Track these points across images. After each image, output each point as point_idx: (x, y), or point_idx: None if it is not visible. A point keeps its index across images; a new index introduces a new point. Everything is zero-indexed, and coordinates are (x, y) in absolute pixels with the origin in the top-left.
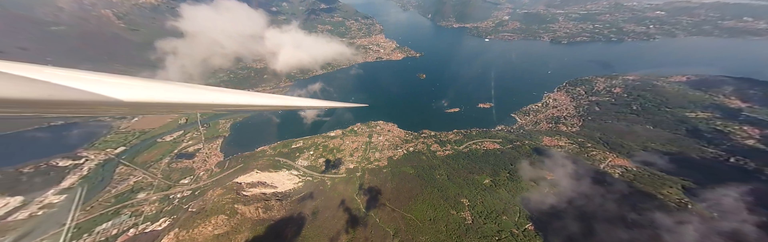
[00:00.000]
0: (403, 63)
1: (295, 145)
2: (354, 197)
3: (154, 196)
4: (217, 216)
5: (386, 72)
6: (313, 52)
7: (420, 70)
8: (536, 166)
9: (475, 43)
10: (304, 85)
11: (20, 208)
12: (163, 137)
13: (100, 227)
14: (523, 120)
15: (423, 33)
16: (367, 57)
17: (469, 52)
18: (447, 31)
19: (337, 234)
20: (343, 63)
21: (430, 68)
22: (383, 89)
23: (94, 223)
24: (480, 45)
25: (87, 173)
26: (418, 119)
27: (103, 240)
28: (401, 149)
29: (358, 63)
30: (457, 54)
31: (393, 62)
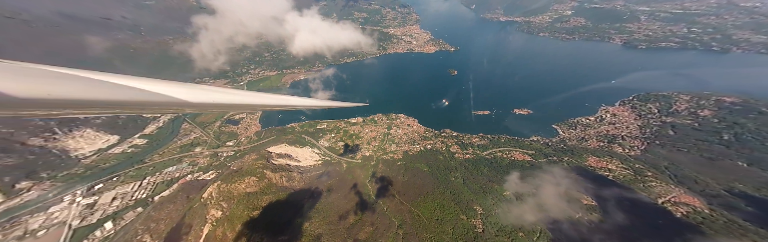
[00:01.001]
0: (434, 57)
1: (320, 126)
2: (366, 183)
3: (207, 152)
4: (250, 177)
5: (415, 65)
6: (327, 39)
7: (452, 65)
8: (572, 186)
9: (522, 41)
10: (334, 70)
11: (116, 145)
12: None
13: (168, 169)
14: (566, 134)
15: (462, 25)
16: (397, 48)
17: (514, 50)
18: (491, 24)
19: (347, 214)
20: (373, 52)
21: (464, 65)
22: (409, 82)
23: (164, 165)
24: (529, 43)
25: (162, 125)
26: (442, 117)
27: (169, 180)
28: (418, 145)
29: (387, 53)
30: (498, 51)
31: (424, 55)
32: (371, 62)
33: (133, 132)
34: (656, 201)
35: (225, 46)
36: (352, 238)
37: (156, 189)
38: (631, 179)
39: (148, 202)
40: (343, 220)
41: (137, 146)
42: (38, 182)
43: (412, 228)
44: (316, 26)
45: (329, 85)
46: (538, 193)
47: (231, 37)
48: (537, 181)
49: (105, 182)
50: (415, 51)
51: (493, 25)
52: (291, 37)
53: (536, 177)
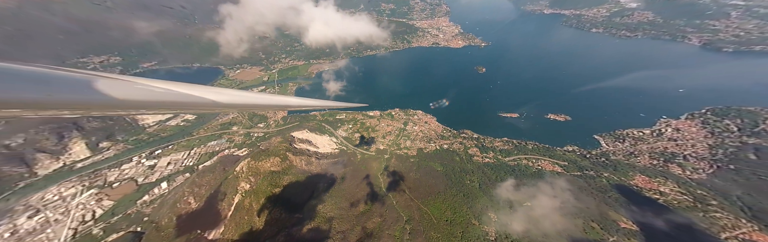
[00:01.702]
0: (461, 52)
1: (339, 116)
2: (378, 175)
3: (241, 131)
4: (274, 157)
5: (439, 60)
6: (339, 31)
7: (480, 62)
8: (609, 206)
9: (569, 37)
10: (356, 62)
11: (172, 118)
12: (252, 89)
13: (210, 143)
14: (610, 146)
15: (497, 18)
16: (422, 41)
17: (556, 48)
18: (533, 17)
19: (357, 202)
20: (396, 46)
21: (494, 62)
22: (431, 78)
23: (207, 139)
24: (577, 40)
25: None
26: (463, 117)
27: (211, 152)
28: (434, 144)
29: (411, 47)
30: (536, 48)
31: (450, 50)
32: (393, 56)
33: None
34: (719, 235)
35: (247, 35)
36: (361, 225)
37: (200, 159)
38: (688, 206)
39: (194, 169)
40: (353, 207)
41: (188, 120)
42: (115, 143)
43: (419, 225)
44: (328, 18)
45: (349, 77)
46: (564, 207)
47: (252, 26)
48: (566, 195)
49: (163, 148)
50: (441, 45)
51: (534, 19)
52: (306, 27)
53: (565, 191)
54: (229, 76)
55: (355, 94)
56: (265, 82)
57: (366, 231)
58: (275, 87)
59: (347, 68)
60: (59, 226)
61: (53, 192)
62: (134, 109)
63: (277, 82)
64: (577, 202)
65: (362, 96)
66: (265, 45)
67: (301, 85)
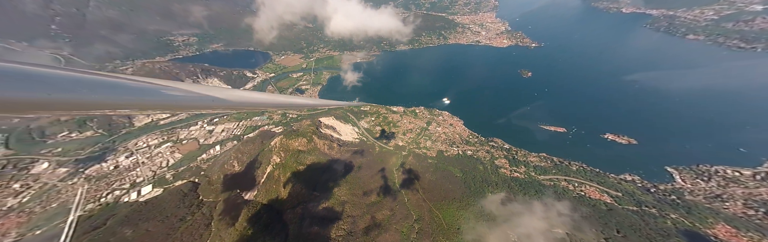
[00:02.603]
0: (505, 52)
1: (364, 108)
2: (393, 170)
3: (279, 110)
4: (302, 138)
5: (477, 60)
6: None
7: (526, 65)
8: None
9: (652, 43)
10: (388, 56)
11: None
12: (292, 74)
13: (254, 118)
14: (688, 183)
15: (558, 16)
16: (460, 38)
17: (631, 55)
18: (606, 17)
19: (370, 192)
20: (431, 42)
21: (544, 66)
22: (464, 79)
23: (252, 114)
24: (664, 47)
25: (256, 83)
26: (495, 124)
27: (254, 126)
28: (457, 148)
29: (447, 44)
30: (604, 54)
31: (492, 50)
32: (426, 52)
33: (239, 86)
34: None
35: (277, 23)
36: (371, 215)
37: (245, 131)
38: None
39: (240, 138)
40: (365, 196)
41: None
42: None
43: (428, 227)
44: (349, 9)
45: (378, 70)
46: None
47: (281, 15)
48: (610, 230)
49: (219, 117)
50: (482, 44)
51: (607, 19)
52: (329, 19)
53: (610, 225)
54: (275, 61)
55: (380, 88)
56: (303, 69)
57: (375, 220)
58: (311, 74)
59: (379, 61)
60: (145, 167)
61: (143, 141)
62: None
63: (313, 70)
64: (625, 241)
65: (387, 91)
66: (293, 34)
67: (334, 74)
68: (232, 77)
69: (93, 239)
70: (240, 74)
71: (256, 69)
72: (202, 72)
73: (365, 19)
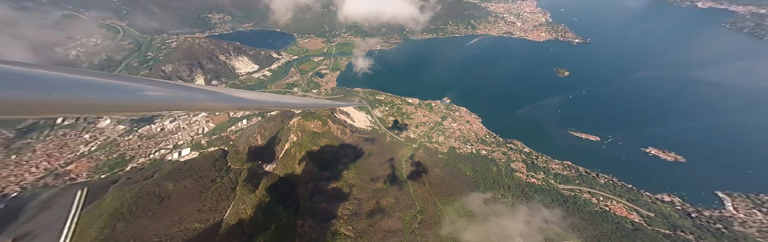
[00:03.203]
0: (541, 47)
1: (379, 97)
2: (402, 161)
3: (299, 93)
4: (317, 121)
5: (506, 53)
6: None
7: (564, 63)
8: None
9: (729, 47)
10: (409, 45)
11: (256, 72)
12: (314, 58)
13: None
14: (741, 212)
15: (615, 8)
16: (491, 29)
17: (700, 61)
18: (675, 12)
19: (377, 179)
20: (458, 31)
21: (586, 65)
22: (489, 74)
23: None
24: (744, 53)
25: (280, 64)
26: (516, 124)
27: None
28: (470, 147)
29: (474, 34)
30: (663, 56)
31: (526, 43)
32: (450, 42)
33: (265, 66)
34: None
35: (292, 4)
36: (376, 200)
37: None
38: None
39: (264, 115)
40: (372, 182)
41: (266, 76)
42: (220, 83)
43: (431, 220)
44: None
45: (396, 59)
46: None
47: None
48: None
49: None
50: (515, 36)
51: (678, 14)
52: (343, 2)
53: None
54: (298, 43)
55: (397, 77)
56: (324, 53)
57: (379, 206)
58: (332, 59)
59: (398, 49)
60: (184, 132)
61: None
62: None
63: (334, 55)
64: None
65: (404, 81)
66: (309, 16)
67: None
68: (259, 56)
69: (142, 187)
70: (267, 55)
71: (281, 50)
72: (234, 50)
73: (379, 4)
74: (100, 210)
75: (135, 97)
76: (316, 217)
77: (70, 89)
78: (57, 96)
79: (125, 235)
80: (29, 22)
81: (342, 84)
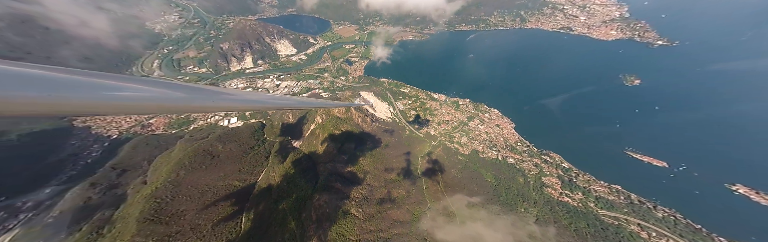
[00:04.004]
0: (607, 48)
1: (404, 89)
2: (419, 157)
3: (329, 78)
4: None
5: (561, 52)
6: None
7: (636, 70)
8: None
9: None
10: (444, 37)
11: (294, 55)
12: (346, 45)
13: (309, 80)
14: None
15: (723, 4)
16: (545, 22)
17: None
18: None
19: (391, 170)
20: (503, 23)
21: (667, 74)
22: (535, 74)
23: (308, 77)
24: None
25: (315, 50)
26: (558, 136)
27: (308, 87)
28: (497, 153)
29: (524, 28)
30: None
31: (588, 42)
32: (494, 36)
33: (302, 50)
34: None
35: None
36: (387, 189)
37: (301, 90)
38: None
39: (295, 96)
40: (386, 172)
41: (301, 59)
42: (265, 63)
43: (442, 216)
44: None
45: (428, 51)
46: None
47: None
48: None
49: (284, 74)
50: (575, 32)
51: None
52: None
53: None
54: (333, 29)
55: (425, 71)
56: (356, 41)
57: (390, 196)
58: (362, 47)
59: (432, 41)
60: None
61: (234, 83)
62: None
63: (365, 43)
64: None
65: (432, 75)
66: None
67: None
68: (298, 40)
69: (200, 145)
70: (304, 39)
71: (317, 36)
72: (278, 33)
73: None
74: (169, 158)
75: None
76: (331, 194)
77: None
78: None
79: (185, 181)
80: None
81: (369, 73)
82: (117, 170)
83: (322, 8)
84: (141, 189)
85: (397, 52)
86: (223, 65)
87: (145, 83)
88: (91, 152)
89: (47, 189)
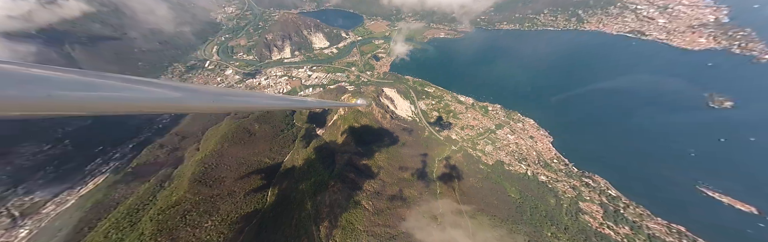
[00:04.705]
0: (691, 59)
1: (428, 89)
2: (436, 160)
3: (356, 72)
4: None
5: (630, 62)
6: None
7: (729, 89)
8: None
9: None
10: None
11: (327, 48)
12: (375, 41)
13: (337, 73)
14: None
15: None
16: (607, 24)
17: None
18: None
19: (405, 169)
20: (554, 23)
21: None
22: (585, 83)
23: (336, 70)
24: None
25: (346, 44)
26: (607, 156)
27: (335, 80)
28: (526, 168)
29: (580, 30)
30: None
31: (666, 50)
32: (539, 38)
33: (334, 43)
34: None
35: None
36: (399, 187)
37: (329, 82)
38: None
39: (323, 87)
40: (401, 171)
41: (333, 52)
42: (300, 54)
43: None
44: None
45: (458, 51)
46: None
47: None
48: None
49: (316, 66)
50: (648, 38)
51: None
52: None
53: None
54: (365, 25)
55: (453, 71)
56: (385, 37)
57: (402, 194)
58: (391, 44)
59: (466, 39)
60: (271, 89)
61: (274, 71)
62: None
63: (393, 39)
64: None
65: (461, 76)
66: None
67: (414, 46)
68: (331, 34)
69: (241, 123)
70: (337, 33)
71: (349, 30)
72: (314, 26)
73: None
74: (217, 131)
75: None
76: (344, 183)
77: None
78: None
79: (227, 152)
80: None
81: (394, 70)
82: (179, 136)
83: (356, 3)
84: (194, 154)
85: (426, 50)
86: (266, 54)
87: (144, 83)
88: (162, 119)
89: (130, 144)
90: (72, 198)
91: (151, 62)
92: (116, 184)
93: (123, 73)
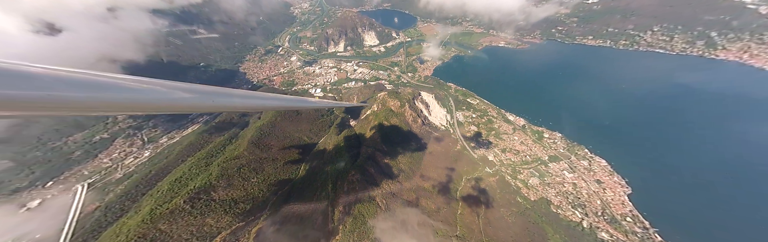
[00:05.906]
0: None
1: (472, 100)
2: (463, 178)
3: (397, 72)
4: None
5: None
6: None
7: None
8: None
9: None
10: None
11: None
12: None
13: (380, 71)
14: None
15: None
16: (753, 55)
17: None
18: None
19: (426, 179)
20: (659, 44)
21: None
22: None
23: (381, 68)
24: None
25: (394, 44)
26: (719, 229)
27: (377, 77)
28: (581, 216)
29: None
30: None
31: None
32: (641, 61)
33: (383, 42)
34: None
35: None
36: (417, 195)
37: (371, 79)
38: None
39: (365, 82)
40: (421, 179)
41: (381, 51)
42: (350, 49)
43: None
44: None
45: (520, 65)
46: None
47: None
48: None
49: (362, 62)
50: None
51: None
52: None
53: None
54: (417, 26)
55: (507, 86)
56: (435, 40)
57: (419, 202)
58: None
59: (532, 51)
60: (321, 78)
61: (326, 62)
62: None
63: (444, 43)
64: None
65: (515, 93)
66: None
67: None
68: (383, 33)
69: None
70: (388, 33)
71: (400, 31)
72: (368, 25)
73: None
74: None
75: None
76: (363, 176)
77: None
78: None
79: (279, 124)
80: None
81: (437, 75)
82: None
83: (409, 5)
84: (256, 121)
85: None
86: (324, 46)
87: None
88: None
89: None
90: (178, 135)
91: (243, 44)
92: (203, 133)
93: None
